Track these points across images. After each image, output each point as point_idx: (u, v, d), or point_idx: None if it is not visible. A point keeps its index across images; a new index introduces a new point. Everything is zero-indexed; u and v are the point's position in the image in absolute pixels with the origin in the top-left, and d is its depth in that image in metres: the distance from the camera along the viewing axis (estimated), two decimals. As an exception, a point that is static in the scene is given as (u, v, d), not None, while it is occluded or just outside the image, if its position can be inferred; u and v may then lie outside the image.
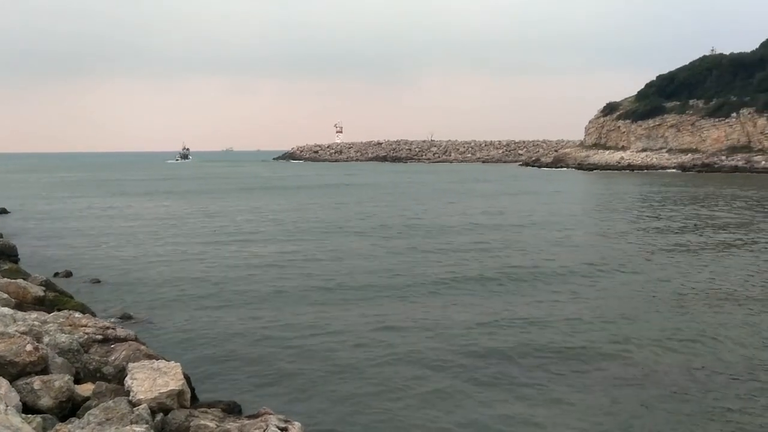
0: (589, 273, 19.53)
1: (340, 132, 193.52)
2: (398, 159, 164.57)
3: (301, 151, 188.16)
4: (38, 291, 12.45)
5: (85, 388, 8.14)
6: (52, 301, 12.56)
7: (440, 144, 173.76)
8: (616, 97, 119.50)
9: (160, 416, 7.48)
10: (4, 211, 38.22)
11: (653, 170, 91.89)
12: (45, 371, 8.09)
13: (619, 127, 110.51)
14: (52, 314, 10.38)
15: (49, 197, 52.54)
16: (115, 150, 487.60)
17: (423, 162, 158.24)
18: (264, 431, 7.47)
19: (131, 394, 7.66)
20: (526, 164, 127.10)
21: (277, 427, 7.78)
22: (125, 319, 14.39)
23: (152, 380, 7.87)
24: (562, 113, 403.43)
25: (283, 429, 7.78)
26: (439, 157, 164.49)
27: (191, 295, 16.93)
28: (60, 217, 36.65)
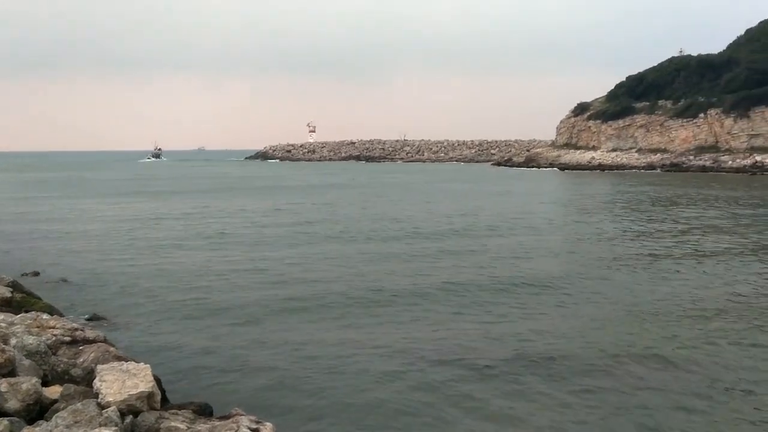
0: (565, 281, 19.35)
1: (313, 131, 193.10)
2: (371, 158, 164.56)
3: (274, 151, 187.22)
4: (5, 292, 12.25)
5: (53, 391, 8.03)
6: (20, 302, 12.36)
7: (413, 144, 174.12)
8: (587, 98, 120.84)
9: (129, 418, 7.40)
10: (-31, 212, 37.56)
11: (623, 170, 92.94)
12: (12, 373, 7.97)
13: (589, 127, 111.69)
14: (19, 316, 10.23)
15: (16, 197, 51.65)
16: (85, 149, 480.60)
17: (396, 161, 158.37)
18: (235, 432, 7.44)
19: (100, 396, 7.57)
20: (498, 164, 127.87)
21: (249, 428, 7.75)
22: (94, 320, 14.23)
23: (121, 382, 7.78)
24: (534, 113, 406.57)
25: (254, 430, 7.75)
26: (412, 156, 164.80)
27: (161, 296, 16.78)
28: (28, 217, 36.07)
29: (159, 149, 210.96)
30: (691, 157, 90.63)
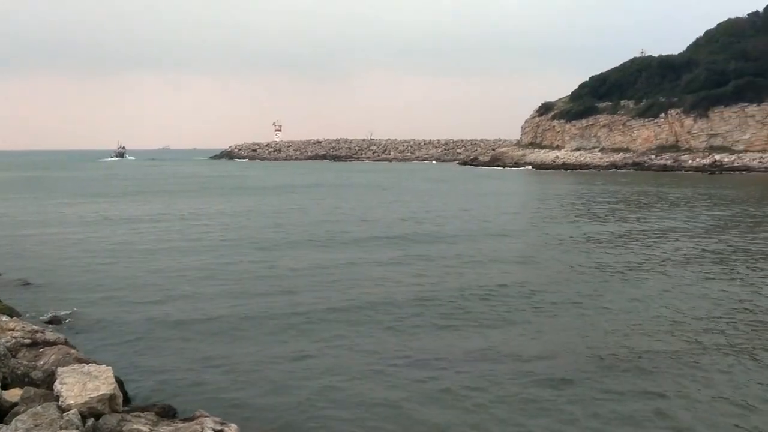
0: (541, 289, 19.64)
1: (279, 130, 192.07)
2: (338, 158, 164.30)
3: (239, 150, 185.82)
4: (-38, 295, 12.00)
5: (13, 394, 7.92)
6: (-23, 305, 12.13)
7: (380, 143, 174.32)
8: (551, 98, 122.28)
9: (91, 421, 7.32)
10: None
11: (587, 169, 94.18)
12: (-31, 378, 7.83)
13: (554, 126, 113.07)
14: (-24, 319, 10.04)
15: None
16: (45, 149, 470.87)
17: (363, 161, 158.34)
18: (199, 433, 7.41)
19: (61, 399, 7.48)
20: (464, 163, 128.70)
21: (213, 430, 7.72)
22: (55, 322, 14.01)
23: (82, 384, 7.69)
24: (500, 113, 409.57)
25: (218, 431, 7.72)
26: (378, 156, 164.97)
27: (123, 298, 16.56)
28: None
29: (123, 148, 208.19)
30: (653, 157, 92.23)
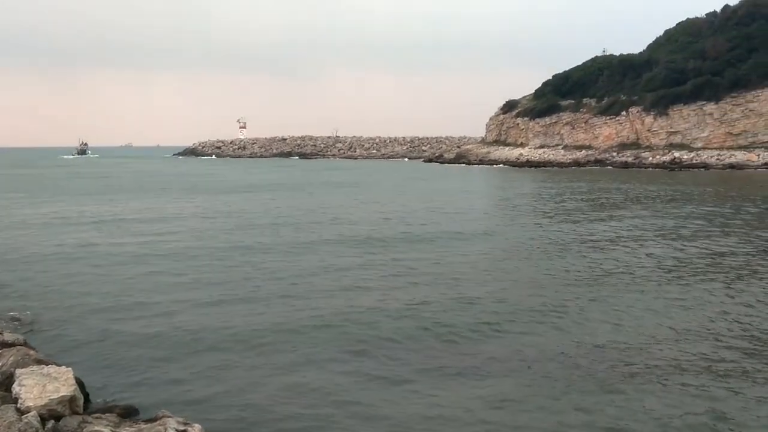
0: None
1: (244, 128, 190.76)
2: (303, 155, 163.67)
3: (203, 147, 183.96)
4: None
5: (-31, 397, 7.77)
6: (-68, 306, 11.86)
7: (345, 140, 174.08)
8: (516, 95, 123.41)
9: (51, 423, 7.24)
10: None
11: (550, 166, 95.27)
12: (-77, 381, 7.67)
13: (518, 124, 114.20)
14: (-69, 321, 9.82)
15: None
16: (2, 146, 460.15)
17: (328, 158, 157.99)
18: (161, 434, 7.37)
19: (19, 401, 7.38)
20: (429, 160, 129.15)
21: (176, 430, 7.69)
22: (13, 322, 13.75)
23: (42, 386, 7.60)
24: (464, 110, 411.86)
25: (182, 431, 7.69)
26: (344, 153, 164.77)
27: (83, 297, 16.31)
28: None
29: (85, 144, 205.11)
30: (614, 154, 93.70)
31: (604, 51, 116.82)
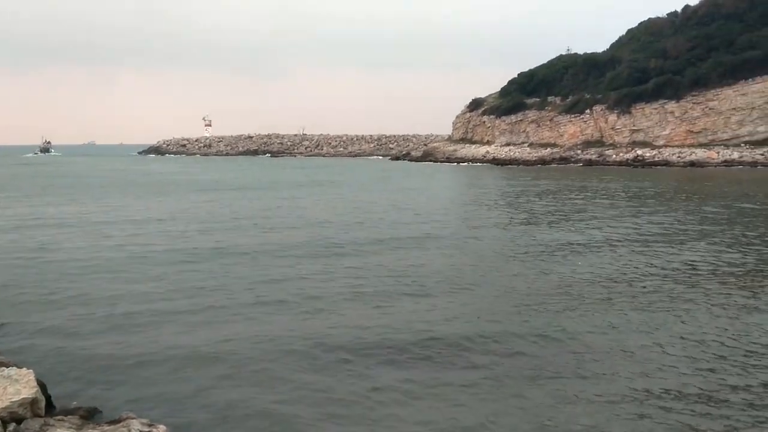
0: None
1: (209, 126, 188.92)
2: (270, 153, 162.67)
3: (168, 145, 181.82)
4: None
5: (-73, 402, 7.62)
6: None
7: (312, 138, 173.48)
8: (482, 93, 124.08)
9: (12, 426, 7.15)
10: None
11: (516, 164, 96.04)
12: None
13: (484, 122, 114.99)
14: None
15: None
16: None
17: (295, 156, 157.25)
18: (125, 435, 7.32)
19: (-21, 405, 7.25)
20: (396, 158, 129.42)
21: (141, 431, 7.64)
22: (-27, 326, 13.48)
23: (3, 389, 7.50)
24: (431, 108, 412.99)
25: (146, 432, 7.64)
26: (311, 151, 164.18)
27: (45, 298, 16.06)
28: None
29: (48, 143, 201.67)
30: (579, 152, 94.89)
31: (568, 49, 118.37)
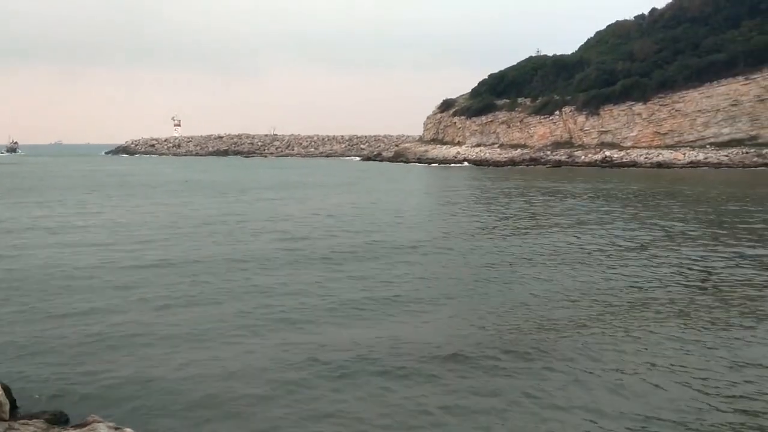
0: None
1: (179, 125, 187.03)
2: (240, 153, 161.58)
3: (136, 145, 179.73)
4: None
5: None
6: None
7: (283, 138, 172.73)
8: (453, 94, 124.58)
9: (-26, 432, 7.02)
10: None
11: (486, 165, 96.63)
12: None
13: (455, 123, 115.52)
14: None
15: None
16: None
17: (266, 156, 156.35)
18: (91, 439, 7.24)
19: (-60, 410, 7.13)
20: (368, 158, 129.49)
21: (107, 434, 7.56)
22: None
23: (-35, 394, 7.36)
24: (402, 109, 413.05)
25: (113, 436, 7.58)
26: (282, 151, 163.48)
27: (7, 302, 15.79)
28: None
29: (15, 143, 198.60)
30: (548, 152, 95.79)
31: (538, 51, 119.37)
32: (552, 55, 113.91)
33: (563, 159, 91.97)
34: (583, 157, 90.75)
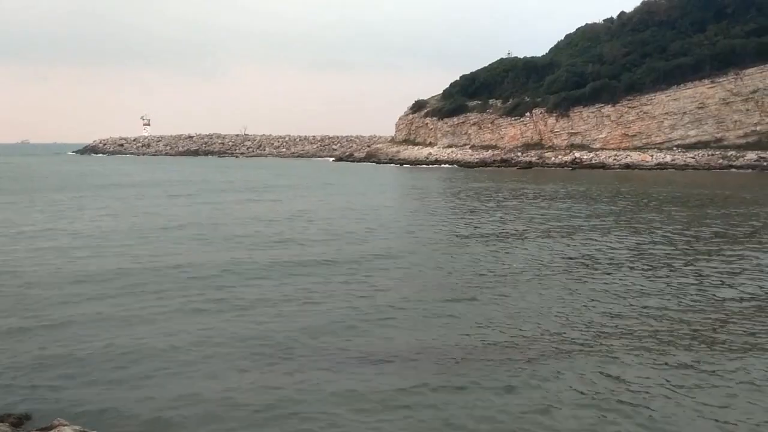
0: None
1: (148, 125, 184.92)
2: (211, 153, 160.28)
3: (105, 145, 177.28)
4: None
5: None
6: None
7: (254, 138, 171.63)
8: (425, 95, 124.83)
9: (-65, 436, 6.91)
10: None
11: (458, 165, 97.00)
12: None
13: (426, 124, 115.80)
14: None
15: None
16: None
17: (237, 156, 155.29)
18: (57, 443, 7.17)
19: None
20: (340, 159, 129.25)
21: (73, 438, 7.49)
22: None
23: (-74, 398, 7.23)
24: (374, 110, 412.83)
25: (79, 439, 7.50)
26: (253, 151, 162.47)
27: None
28: None
29: None
30: (519, 154, 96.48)
31: (509, 53, 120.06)
32: (523, 57, 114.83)
33: (534, 160, 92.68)
34: (553, 158, 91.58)
